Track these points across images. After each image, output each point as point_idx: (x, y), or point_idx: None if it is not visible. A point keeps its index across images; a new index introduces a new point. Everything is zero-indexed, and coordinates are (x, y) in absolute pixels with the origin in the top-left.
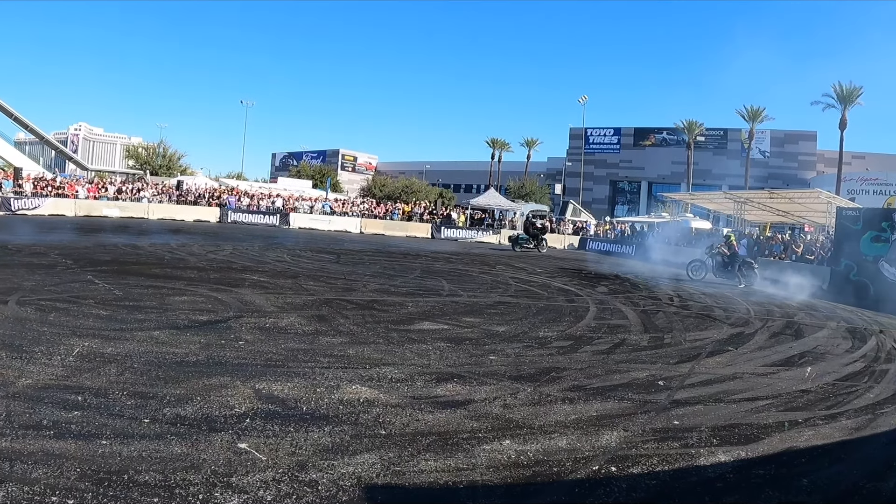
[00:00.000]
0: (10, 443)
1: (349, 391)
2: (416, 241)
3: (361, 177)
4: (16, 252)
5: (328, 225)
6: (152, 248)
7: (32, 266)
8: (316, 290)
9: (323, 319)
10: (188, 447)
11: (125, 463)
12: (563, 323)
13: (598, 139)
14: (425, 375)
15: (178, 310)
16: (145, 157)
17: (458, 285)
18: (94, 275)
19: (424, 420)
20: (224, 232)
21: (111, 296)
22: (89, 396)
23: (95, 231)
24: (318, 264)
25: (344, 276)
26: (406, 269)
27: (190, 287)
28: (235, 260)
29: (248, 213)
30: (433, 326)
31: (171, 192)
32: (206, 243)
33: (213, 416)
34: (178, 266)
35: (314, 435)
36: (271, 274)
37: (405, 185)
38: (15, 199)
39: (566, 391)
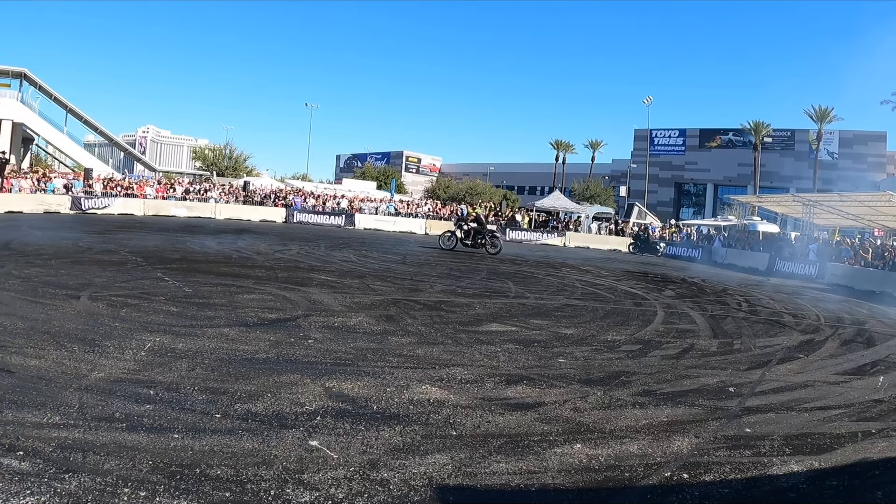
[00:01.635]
0: (83, 434)
1: (419, 391)
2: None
3: (425, 178)
4: (86, 249)
5: (393, 226)
6: (220, 246)
7: (103, 263)
8: (383, 290)
9: (391, 319)
10: (259, 443)
11: (197, 457)
12: (631, 327)
13: (663, 141)
14: (495, 377)
15: (247, 308)
16: (212, 158)
17: (524, 287)
18: (164, 272)
19: (495, 422)
20: (290, 232)
21: (181, 293)
22: (161, 391)
23: (164, 230)
24: (384, 265)
25: (411, 277)
26: (472, 271)
27: (258, 285)
28: (302, 259)
29: (313, 214)
30: (501, 328)
31: (237, 193)
32: (272, 243)
33: (283, 412)
34: (245, 265)
35: (385, 434)
36: (338, 274)
37: (469, 186)
38: (85, 199)
39: (636, 396)
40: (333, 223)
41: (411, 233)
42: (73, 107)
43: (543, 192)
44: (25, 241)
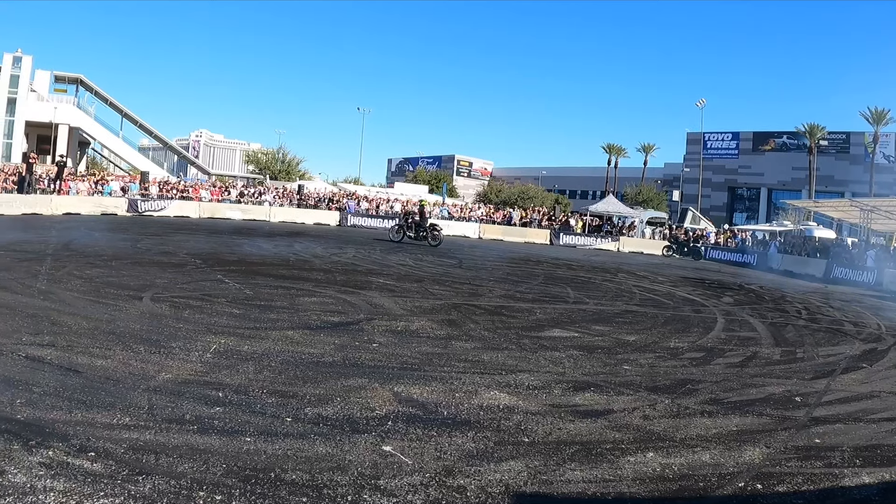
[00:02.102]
0: (154, 436)
1: (488, 397)
2: (535, 247)
3: (477, 182)
4: (145, 251)
5: (447, 230)
6: (276, 249)
7: (163, 264)
8: (442, 295)
9: (453, 324)
10: (333, 448)
11: (271, 461)
12: (692, 334)
13: (716, 144)
14: (562, 383)
15: (308, 310)
16: (265, 161)
17: (582, 292)
18: (223, 274)
19: (566, 429)
20: (344, 235)
21: (242, 295)
22: (229, 393)
23: (220, 232)
24: (441, 268)
25: (469, 281)
26: (529, 276)
27: (318, 288)
28: (359, 263)
29: (366, 217)
30: (563, 334)
31: (291, 196)
32: (328, 246)
33: (354, 417)
34: (303, 268)
35: (458, 440)
36: (396, 277)
37: (521, 190)
38: (142, 201)
39: (704, 404)
40: (387, 226)
41: (465, 236)
42: (128, 111)
43: (595, 197)
44: (85, 242)
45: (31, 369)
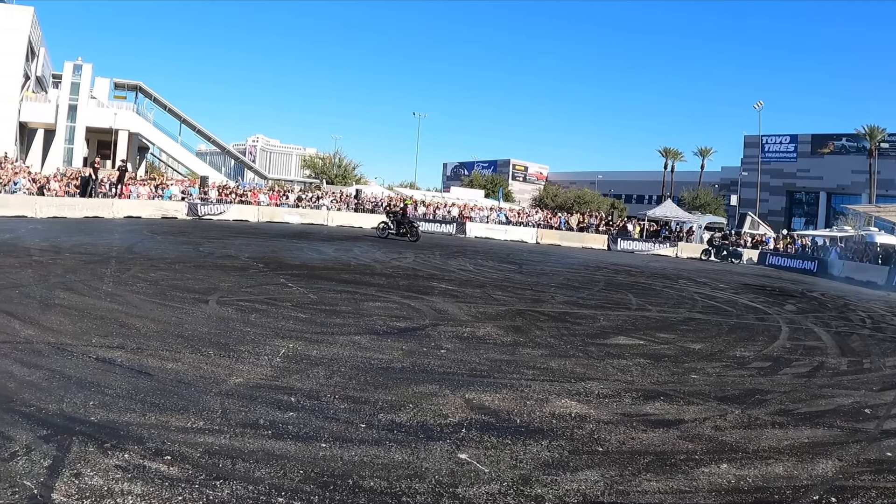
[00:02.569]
0: (230, 440)
1: (559, 405)
2: (593, 253)
3: (532, 186)
4: (207, 254)
5: (504, 234)
6: (337, 253)
7: (226, 268)
8: (506, 301)
9: (519, 330)
10: (409, 455)
11: (348, 467)
12: (757, 342)
13: (774, 147)
14: (631, 392)
15: (374, 315)
16: (321, 166)
17: (644, 299)
18: (287, 278)
19: (639, 438)
20: (403, 239)
21: (307, 299)
22: (302, 398)
23: (280, 236)
24: (501, 274)
25: (531, 287)
26: (589, 282)
27: (381, 293)
28: (420, 268)
29: (424, 222)
30: (629, 341)
31: (349, 200)
32: (388, 251)
33: (428, 424)
34: (365, 272)
35: (533, 448)
36: (458, 282)
37: (577, 195)
38: (201, 205)
39: (774, 415)
40: (444, 231)
41: (522, 241)
42: (186, 117)
43: (652, 201)
44: (147, 245)
45: (102, 371)
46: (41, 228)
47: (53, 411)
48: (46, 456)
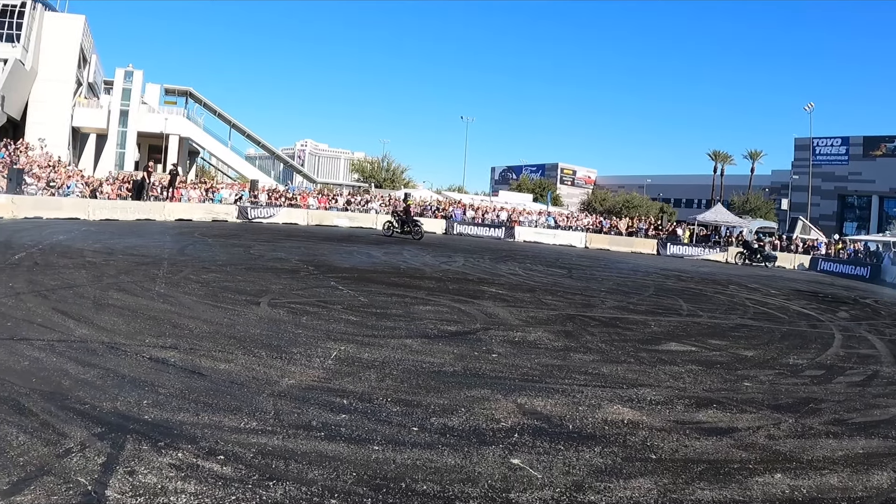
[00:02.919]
0: (283, 441)
1: (611, 411)
2: (642, 258)
3: (581, 191)
4: (258, 257)
5: (553, 239)
6: (386, 257)
7: (276, 270)
8: (556, 305)
9: (570, 335)
10: (461, 459)
11: (401, 470)
12: (810, 350)
13: (825, 150)
14: (684, 399)
15: (424, 319)
16: (370, 170)
17: (695, 305)
18: (337, 281)
19: (692, 446)
20: (452, 243)
21: (357, 302)
22: (354, 400)
23: (329, 239)
24: (551, 278)
25: (581, 292)
26: (639, 287)
27: (432, 297)
28: (469, 271)
29: (472, 226)
30: (680, 348)
31: (397, 204)
32: (437, 254)
33: (480, 428)
34: (415, 276)
35: (585, 455)
36: (508, 287)
37: (625, 199)
38: (251, 209)
39: (828, 425)
40: (493, 235)
41: (571, 246)
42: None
43: (701, 205)
44: (198, 247)
45: (155, 371)
46: (94, 230)
47: (108, 409)
48: (101, 453)
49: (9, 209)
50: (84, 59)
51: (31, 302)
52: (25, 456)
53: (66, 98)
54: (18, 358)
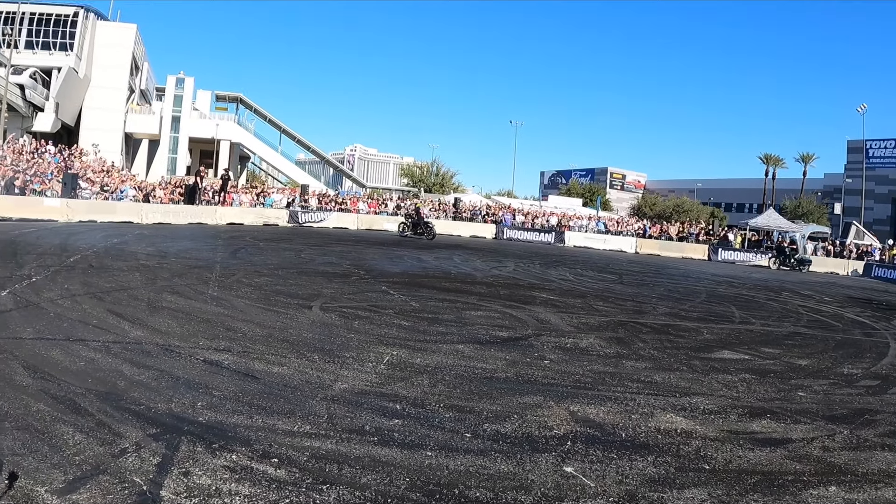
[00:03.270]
0: (336, 445)
1: (664, 420)
2: (693, 263)
3: (630, 195)
4: (309, 261)
5: (603, 244)
6: (437, 262)
7: (328, 275)
8: (607, 311)
9: (622, 342)
10: (514, 466)
11: (453, 477)
12: (865, 360)
13: (878, 152)
14: (737, 409)
15: (476, 324)
16: (419, 175)
17: (747, 312)
18: (388, 286)
19: (746, 457)
20: (502, 248)
21: (409, 307)
22: (407, 406)
23: (379, 244)
24: (602, 284)
25: (632, 298)
26: (691, 293)
27: (483, 302)
28: (520, 277)
29: (522, 231)
30: (733, 356)
31: (447, 209)
32: (487, 259)
33: (533, 435)
34: (466, 281)
35: (638, 464)
36: (559, 292)
37: (676, 203)
38: (302, 213)
39: (883, 437)
40: (542, 240)
41: (621, 251)
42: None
43: (752, 210)
44: (250, 251)
45: (209, 373)
46: (147, 234)
47: (162, 410)
48: (156, 454)
49: (64, 213)
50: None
51: (87, 304)
52: (82, 455)
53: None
54: (74, 358)
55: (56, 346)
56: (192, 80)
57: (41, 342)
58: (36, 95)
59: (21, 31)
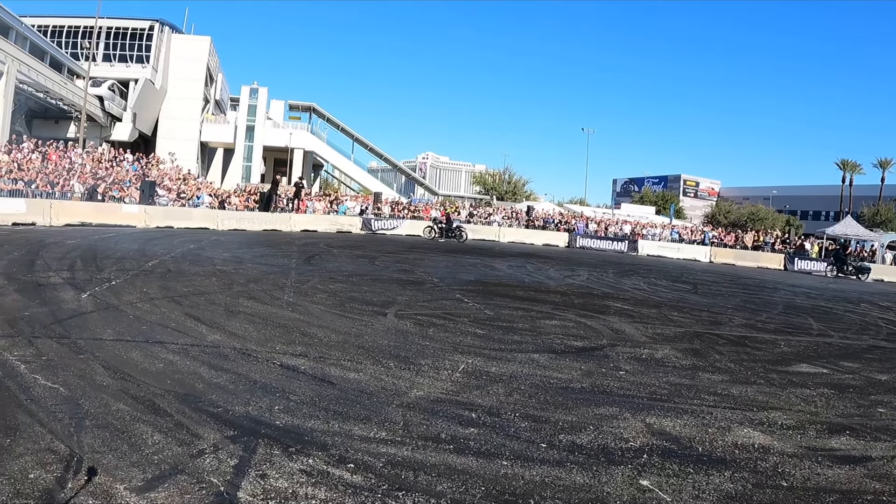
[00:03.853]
0: (412, 452)
1: (741, 434)
2: (768, 273)
3: (704, 203)
4: (383, 268)
5: (677, 252)
6: (510, 270)
7: (401, 282)
8: (682, 322)
9: (697, 354)
10: (589, 478)
11: (528, 487)
12: None
13: None
14: (816, 424)
15: (550, 334)
16: (491, 183)
17: (825, 324)
18: (462, 294)
19: (824, 475)
20: (574, 257)
21: (483, 315)
22: (482, 414)
23: (452, 252)
24: (676, 294)
25: (707, 309)
26: (767, 304)
27: (557, 311)
28: (593, 286)
29: (595, 239)
30: (811, 369)
31: (520, 217)
32: (560, 268)
33: (608, 447)
34: (539, 289)
35: (715, 479)
36: (633, 302)
37: (750, 211)
38: (375, 221)
39: None
40: (615, 249)
41: (695, 260)
42: (358, 135)
43: (828, 218)
44: (325, 257)
45: (286, 378)
46: (223, 240)
47: (240, 413)
48: (233, 456)
49: (141, 219)
50: (211, 77)
51: (165, 307)
52: (160, 454)
53: (194, 115)
54: (154, 360)
55: (135, 348)
56: (265, 90)
57: (121, 344)
58: (114, 106)
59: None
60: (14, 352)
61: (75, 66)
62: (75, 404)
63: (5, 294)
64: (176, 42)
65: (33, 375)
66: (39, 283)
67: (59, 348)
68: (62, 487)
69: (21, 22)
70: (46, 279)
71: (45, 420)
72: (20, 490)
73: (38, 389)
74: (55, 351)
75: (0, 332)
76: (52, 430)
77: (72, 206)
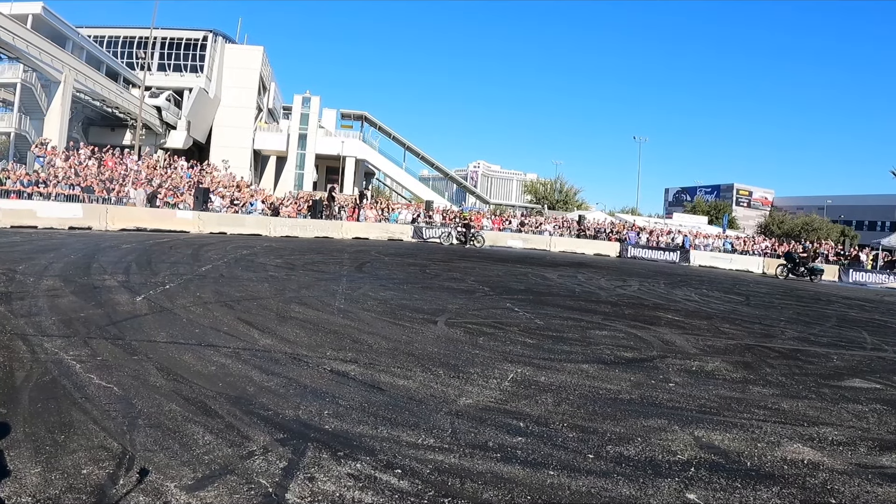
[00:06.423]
0: (459, 460)
1: (791, 450)
2: (822, 285)
3: (757, 213)
4: (434, 276)
5: (729, 263)
6: (561, 279)
7: (452, 290)
8: (734, 334)
9: (748, 367)
10: (636, 490)
11: (575, 497)
12: None
13: None
14: (867, 441)
15: (600, 344)
16: (542, 192)
17: (880, 338)
18: (513, 303)
19: (874, 493)
20: (626, 267)
21: (533, 325)
22: (530, 424)
23: (503, 260)
24: (728, 305)
25: (759, 321)
26: (820, 316)
27: (607, 321)
28: (644, 296)
29: (647, 249)
30: (864, 385)
31: (571, 226)
32: (611, 278)
33: (656, 459)
34: (590, 299)
35: (763, 495)
36: (684, 313)
37: (805, 222)
38: (426, 229)
39: None
40: (667, 259)
41: (748, 271)
42: (409, 144)
43: (884, 228)
44: (376, 265)
45: (336, 383)
46: (275, 246)
47: (290, 417)
48: (282, 458)
49: (195, 225)
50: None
51: (218, 311)
52: (210, 455)
53: (247, 123)
54: (206, 363)
55: (188, 351)
56: (317, 98)
57: (174, 346)
58: (169, 115)
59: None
60: (70, 351)
61: (131, 75)
62: (128, 403)
63: (62, 296)
64: (229, 52)
65: (88, 375)
66: (95, 285)
67: (113, 349)
68: (114, 484)
69: (78, 32)
70: (102, 282)
71: (98, 418)
72: (73, 485)
73: (93, 388)
74: (110, 351)
75: (56, 332)
76: (106, 427)
77: (127, 211)
